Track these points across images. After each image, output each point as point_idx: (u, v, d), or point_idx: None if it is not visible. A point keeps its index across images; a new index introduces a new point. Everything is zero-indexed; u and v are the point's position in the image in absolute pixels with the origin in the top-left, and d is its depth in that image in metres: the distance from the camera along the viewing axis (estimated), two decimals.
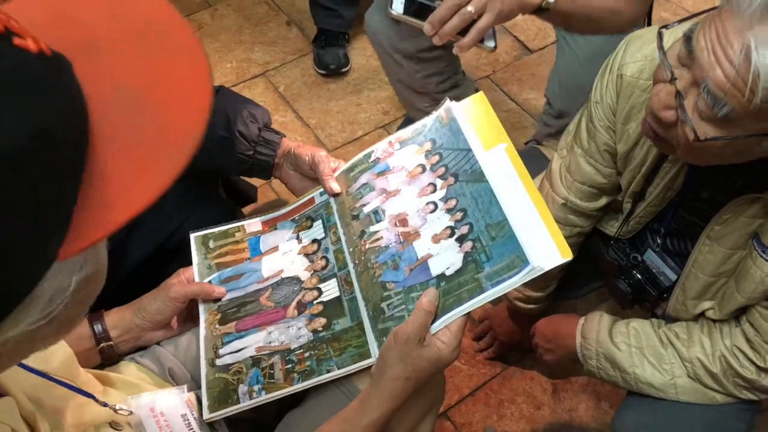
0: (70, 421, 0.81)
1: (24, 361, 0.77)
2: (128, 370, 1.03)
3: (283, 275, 1.08)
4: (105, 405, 0.87)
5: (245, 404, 0.97)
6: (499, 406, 1.65)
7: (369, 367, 0.94)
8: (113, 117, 0.46)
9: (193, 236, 1.14)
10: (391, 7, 1.15)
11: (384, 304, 0.96)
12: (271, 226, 1.14)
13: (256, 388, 0.98)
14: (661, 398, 1.21)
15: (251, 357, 1.01)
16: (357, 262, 1.03)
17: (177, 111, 0.48)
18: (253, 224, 1.15)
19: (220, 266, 1.10)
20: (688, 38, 0.87)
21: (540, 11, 1.20)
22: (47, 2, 0.48)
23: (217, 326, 1.05)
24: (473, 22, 1.12)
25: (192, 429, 0.97)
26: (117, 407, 0.89)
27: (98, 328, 1.02)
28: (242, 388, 0.98)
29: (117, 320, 1.04)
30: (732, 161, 0.94)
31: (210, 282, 1.09)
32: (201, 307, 1.07)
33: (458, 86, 1.83)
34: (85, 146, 0.44)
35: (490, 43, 1.17)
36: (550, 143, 1.84)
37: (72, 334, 0.70)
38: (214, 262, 1.11)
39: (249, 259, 1.11)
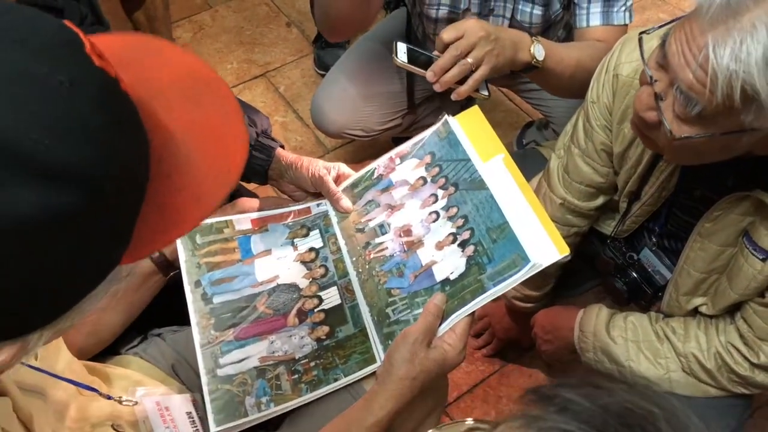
0: (74, 415, 0.82)
1: (29, 363, 0.78)
2: (133, 365, 1.05)
3: (279, 281, 1.07)
4: (109, 397, 0.88)
5: (254, 417, 0.95)
6: (497, 403, 1.67)
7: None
8: (168, 157, 0.54)
9: None
10: (396, 56, 1.22)
11: (389, 310, 0.99)
12: (261, 226, 1.12)
13: (264, 400, 0.97)
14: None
15: (255, 368, 0.99)
16: (360, 270, 1.05)
17: (218, 153, 0.57)
18: (242, 221, 1.11)
19: (210, 266, 1.06)
20: (663, 43, 0.90)
21: (529, 69, 1.28)
22: (108, 46, 0.53)
23: (212, 332, 1.01)
24: (470, 73, 1.20)
25: (196, 427, 0.98)
26: (123, 399, 0.90)
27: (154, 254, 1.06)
28: (249, 401, 0.96)
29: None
30: (718, 158, 0.96)
31: (200, 281, 1.05)
32: (191, 309, 1.03)
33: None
34: (146, 181, 0.52)
35: (484, 92, 1.26)
36: (548, 143, 1.86)
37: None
38: (204, 261, 1.06)
39: (240, 260, 1.08)
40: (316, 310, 1.04)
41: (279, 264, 1.09)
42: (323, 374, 0.98)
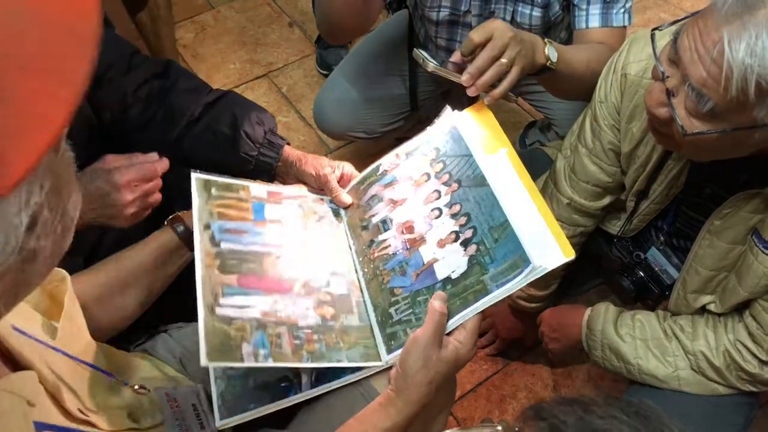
0: (90, 401, 0.82)
1: (49, 343, 0.79)
2: (144, 361, 1.05)
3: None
4: (126, 384, 0.89)
5: (249, 365, 0.89)
6: (500, 402, 1.67)
7: (384, 369, 0.95)
8: (7, 37, 0.41)
9: (194, 176, 1.04)
10: (426, 64, 1.16)
11: (392, 309, 0.98)
12: (276, 199, 1.11)
13: (262, 352, 0.92)
14: (665, 389, 1.24)
15: (256, 319, 0.94)
16: (366, 270, 1.05)
17: (70, 21, 0.44)
18: (258, 189, 1.10)
19: (221, 216, 1.03)
20: (675, 39, 0.91)
21: (542, 71, 1.26)
22: None
23: (215, 272, 0.96)
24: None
25: (200, 420, 0.98)
26: (137, 386, 0.90)
27: (179, 228, 1.05)
28: (246, 347, 0.91)
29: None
30: (731, 155, 0.97)
31: (209, 225, 1.00)
32: (197, 248, 0.97)
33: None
34: None
35: (513, 95, 1.22)
36: (553, 143, 1.87)
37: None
38: (216, 210, 1.03)
39: (253, 221, 1.06)
40: (323, 289, 1.03)
41: (289, 240, 1.07)
42: (326, 351, 0.96)
